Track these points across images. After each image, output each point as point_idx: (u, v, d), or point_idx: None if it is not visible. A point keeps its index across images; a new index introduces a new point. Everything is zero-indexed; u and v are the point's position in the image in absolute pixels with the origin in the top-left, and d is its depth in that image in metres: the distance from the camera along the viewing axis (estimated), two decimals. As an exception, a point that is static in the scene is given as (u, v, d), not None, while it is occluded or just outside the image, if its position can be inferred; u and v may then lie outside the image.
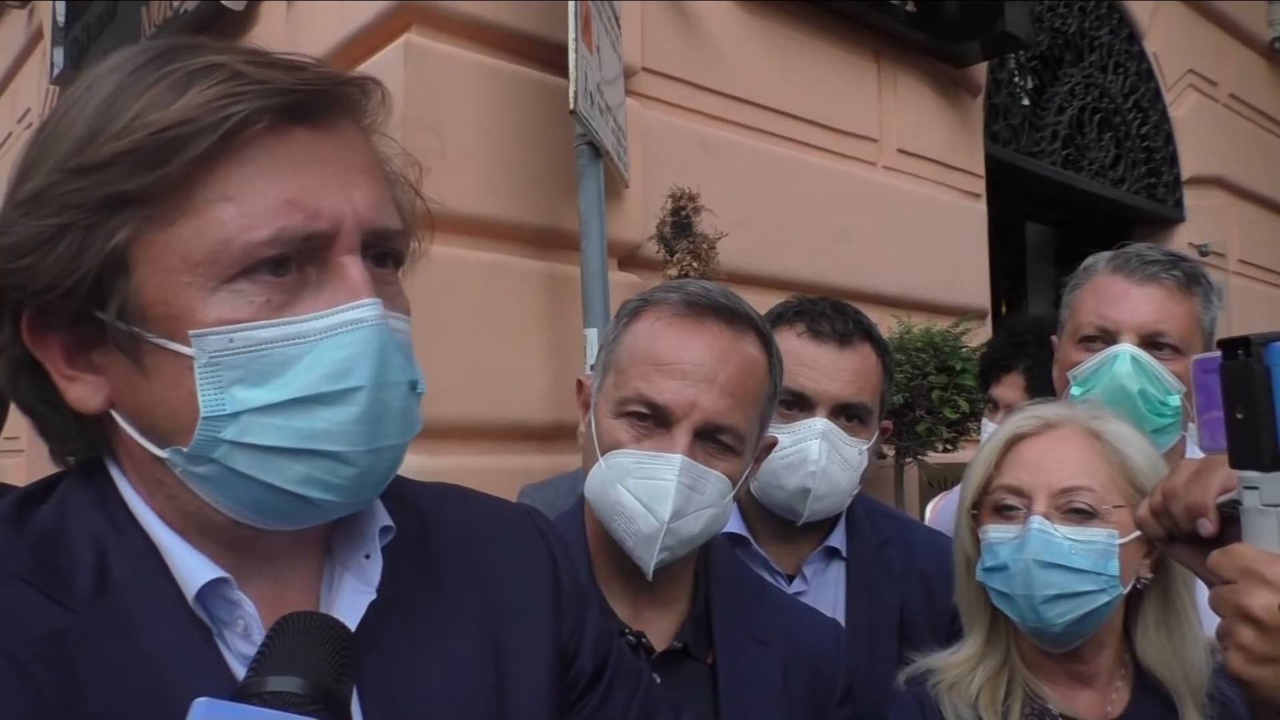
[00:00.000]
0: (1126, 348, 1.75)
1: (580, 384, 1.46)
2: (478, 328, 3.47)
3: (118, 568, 0.75)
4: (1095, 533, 1.35)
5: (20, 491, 0.82)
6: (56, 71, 7.08)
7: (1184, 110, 7.94)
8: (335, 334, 0.74)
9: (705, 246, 3.66)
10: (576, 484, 1.86)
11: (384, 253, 0.81)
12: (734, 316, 1.35)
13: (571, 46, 3.25)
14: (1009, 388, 2.87)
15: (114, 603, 0.74)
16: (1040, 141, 6.84)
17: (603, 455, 1.33)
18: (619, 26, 3.87)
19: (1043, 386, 2.61)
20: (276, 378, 0.73)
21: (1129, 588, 1.39)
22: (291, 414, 0.73)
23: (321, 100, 0.76)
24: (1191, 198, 7.94)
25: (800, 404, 1.74)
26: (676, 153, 4.20)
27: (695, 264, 3.59)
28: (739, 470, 1.36)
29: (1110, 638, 1.42)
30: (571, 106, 3.22)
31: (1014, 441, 1.45)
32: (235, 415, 0.73)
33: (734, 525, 1.80)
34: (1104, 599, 1.35)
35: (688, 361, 1.31)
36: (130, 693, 0.71)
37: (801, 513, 1.73)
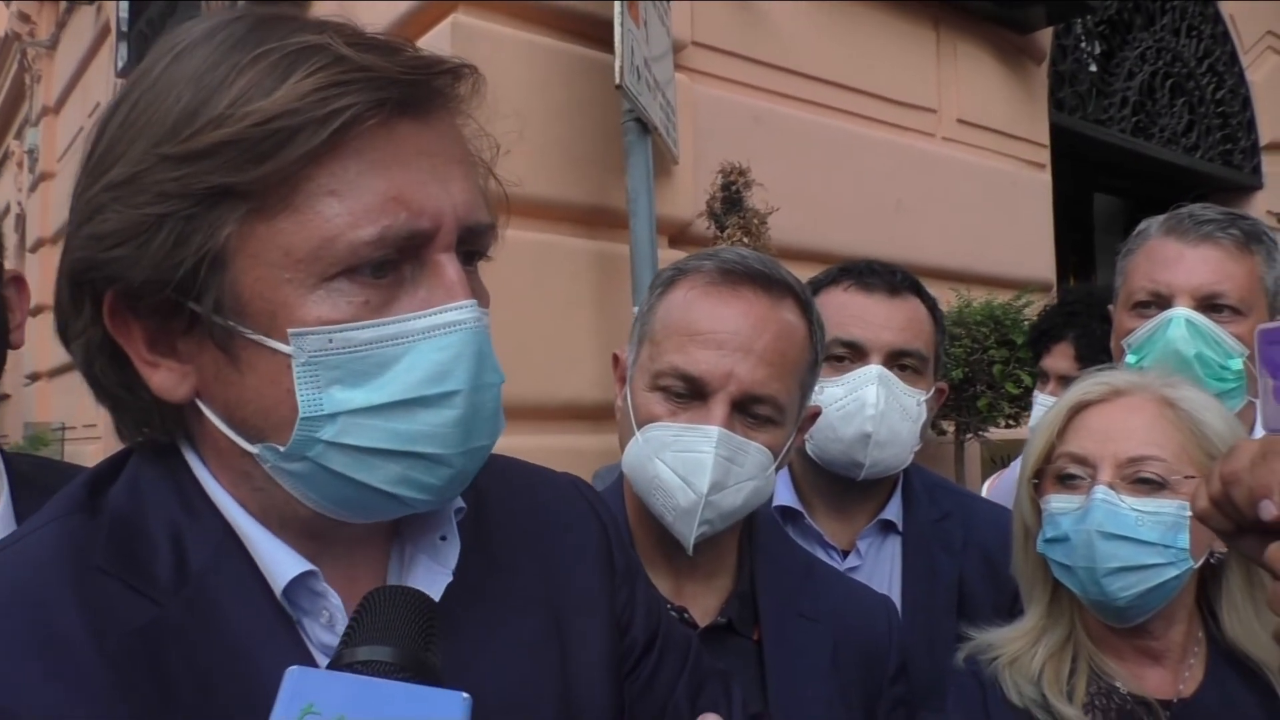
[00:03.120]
0: (1180, 311, 1.68)
1: (616, 358, 1.43)
2: (527, 308, 3.46)
3: (195, 556, 0.75)
4: (1164, 504, 1.28)
5: (88, 474, 0.80)
6: (122, 65, 7.26)
7: (1262, 74, 7.61)
8: (433, 335, 0.73)
9: (756, 221, 3.60)
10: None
11: (473, 250, 0.79)
12: (771, 283, 1.31)
13: (618, 21, 3.21)
14: (1059, 358, 2.80)
15: (196, 593, 0.73)
16: (1108, 109, 6.61)
17: (639, 429, 1.31)
18: (668, 1, 3.81)
19: (1093, 356, 2.54)
20: (375, 379, 0.72)
21: (1200, 562, 1.32)
22: (391, 416, 0.72)
23: (422, 90, 0.74)
24: (1270, 164, 7.63)
25: (853, 354, 1.70)
26: (727, 127, 4.14)
27: (746, 240, 3.54)
28: (780, 442, 1.32)
29: (1182, 613, 1.35)
30: (618, 82, 3.19)
31: (1079, 409, 1.38)
32: (334, 416, 0.72)
33: (787, 498, 1.77)
34: (1172, 573, 1.28)
35: (723, 331, 1.27)
36: (218, 684, 0.71)
37: (863, 463, 1.67)
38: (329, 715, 0.61)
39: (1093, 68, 6.66)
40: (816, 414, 1.47)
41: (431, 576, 0.83)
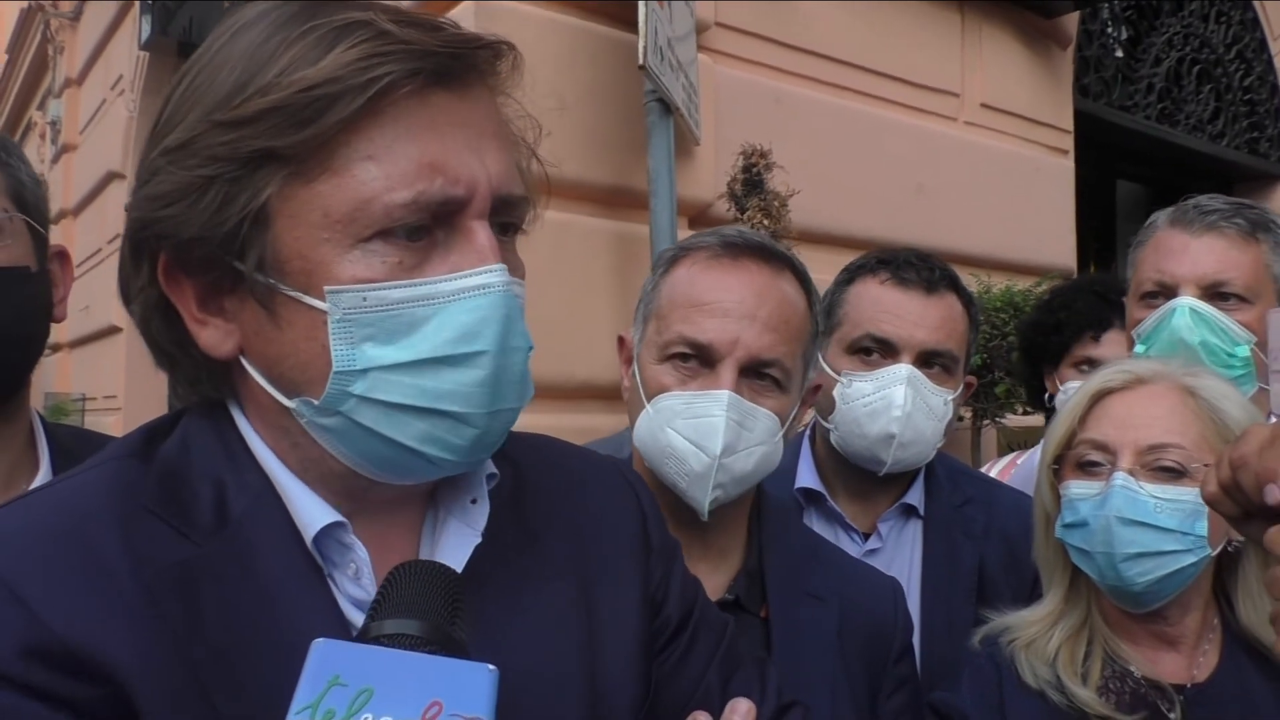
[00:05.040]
0: (1185, 300, 1.70)
1: (622, 340, 1.47)
2: (546, 288, 3.47)
3: (235, 505, 0.79)
4: (1183, 491, 1.29)
5: (146, 426, 0.86)
6: (145, 37, 7.28)
7: (1291, 60, 7.50)
8: (463, 297, 0.76)
9: (777, 204, 3.60)
10: (625, 442, 1.88)
11: (507, 221, 0.82)
12: (770, 255, 1.36)
13: (641, 1, 3.20)
14: (1113, 346, 2.75)
15: (233, 537, 0.77)
16: (1134, 95, 6.54)
17: (649, 401, 1.34)
18: (691, -20, 3.79)
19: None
20: (406, 337, 0.75)
21: (1218, 550, 1.33)
22: (419, 373, 0.75)
23: (460, 63, 0.77)
24: (1298, 153, 7.52)
25: (884, 350, 1.70)
26: (749, 109, 4.13)
27: (766, 222, 3.53)
28: (787, 408, 1.36)
29: (1197, 600, 1.36)
30: (641, 62, 3.18)
31: (1101, 396, 1.39)
32: (365, 371, 0.75)
33: (809, 481, 1.78)
34: (1189, 560, 1.29)
35: (728, 299, 1.31)
36: (247, 624, 0.74)
37: (885, 461, 1.68)
38: (355, 687, 0.62)
39: (1118, 53, 6.59)
40: (819, 386, 1.50)
41: (461, 538, 0.86)
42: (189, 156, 0.75)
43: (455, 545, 0.85)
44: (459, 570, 0.81)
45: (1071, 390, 2.79)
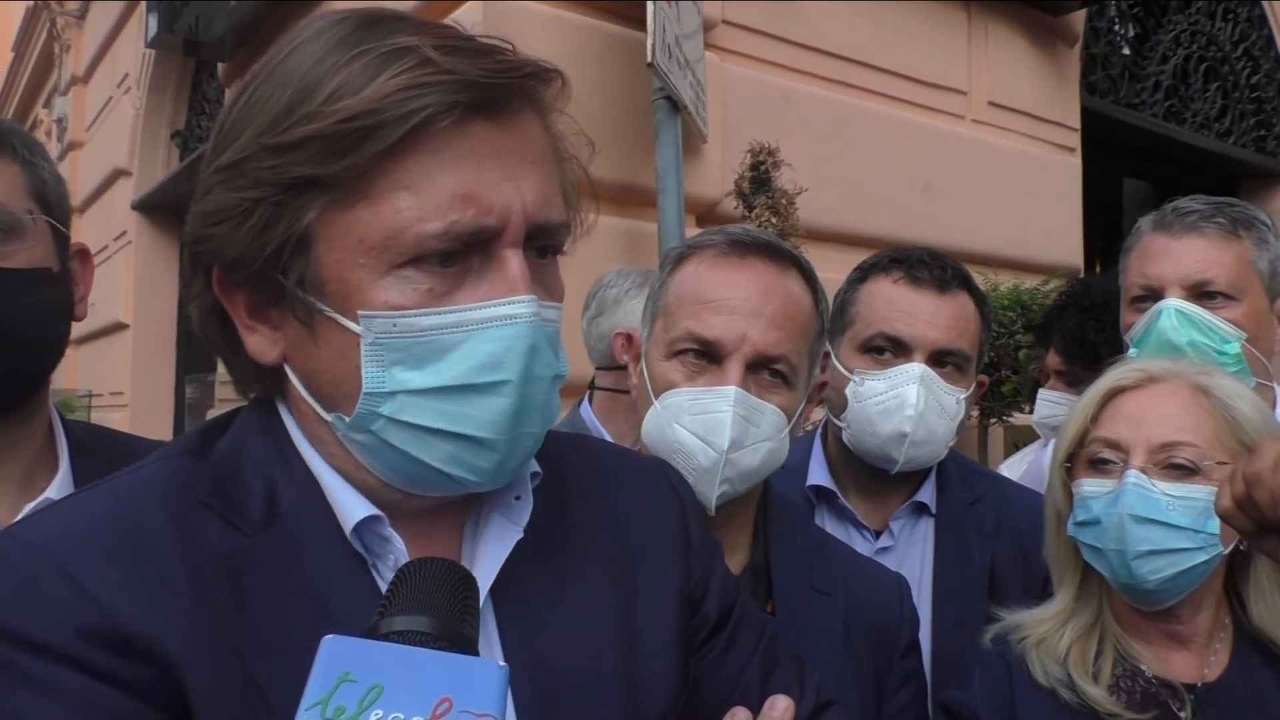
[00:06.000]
0: (1170, 302, 1.73)
1: (629, 337, 1.49)
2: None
3: (285, 499, 0.82)
4: (1196, 489, 1.29)
5: (203, 425, 0.90)
6: (151, 35, 7.29)
7: (1299, 58, 7.48)
8: (490, 326, 0.78)
9: (784, 202, 3.60)
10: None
11: (545, 245, 0.84)
12: (776, 253, 1.38)
13: (650, -2, 3.21)
14: (1052, 354, 2.87)
15: (282, 530, 0.80)
16: (1141, 93, 6.53)
17: (657, 398, 1.35)
18: (699, -23, 3.80)
19: (1071, 351, 2.64)
20: (433, 363, 0.78)
21: (1230, 548, 1.33)
22: (445, 399, 0.78)
23: (502, 93, 0.78)
24: (1305, 151, 7.50)
25: (897, 349, 1.70)
26: (757, 107, 4.13)
27: (774, 220, 3.54)
28: (793, 404, 1.37)
29: (1209, 598, 1.36)
30: (649, 60, 3.19)
31: (1113, 394, 1.39)
32: (393, 394, 0.78)
33: (821, 479, 1.79)
34: (1201, 558, 1.29)
35: (734, 296, 1.33)
36: (294, 611, 0.78)
37: (897, 460, 1.69)
38: (365, 683, 0.62)
39: (1125, 51, 6.58)
40: (824, 384, 1.51)
41: (503, 533, 0.88)
42: (238, 177, 0.77)
43: (497, 540, 0.88)
44: (499, 564, 0.85)
45: (1041, 398, 2.92)
